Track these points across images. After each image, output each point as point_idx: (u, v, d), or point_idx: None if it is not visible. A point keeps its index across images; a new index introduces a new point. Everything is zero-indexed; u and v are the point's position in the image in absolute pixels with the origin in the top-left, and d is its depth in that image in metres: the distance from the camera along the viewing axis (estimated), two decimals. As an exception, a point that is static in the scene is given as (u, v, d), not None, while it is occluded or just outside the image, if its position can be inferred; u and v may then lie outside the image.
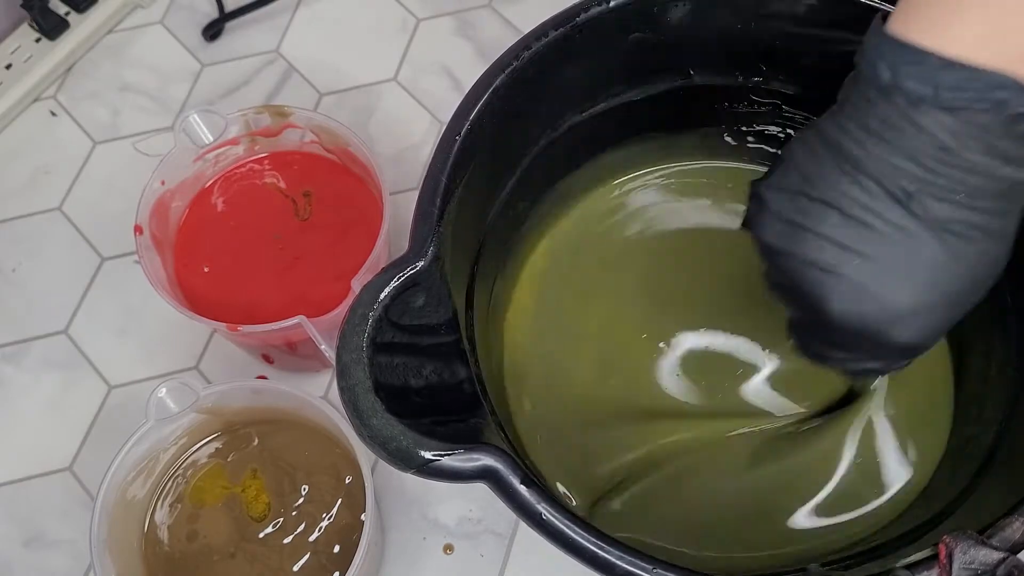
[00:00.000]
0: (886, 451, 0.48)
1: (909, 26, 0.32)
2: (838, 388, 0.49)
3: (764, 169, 0.54)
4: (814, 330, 0.38)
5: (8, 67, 0.66)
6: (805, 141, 0.36)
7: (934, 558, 0.34)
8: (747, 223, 0.38)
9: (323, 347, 0.49)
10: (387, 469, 0.42)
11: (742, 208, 0.54)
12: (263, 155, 0.57)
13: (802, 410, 0.49)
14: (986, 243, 0.34)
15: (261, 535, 0.49)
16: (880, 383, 0.49)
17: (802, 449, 0.48)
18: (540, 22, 0.44)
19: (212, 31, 0.69)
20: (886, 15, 0.33)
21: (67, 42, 0.67)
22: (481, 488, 0.36)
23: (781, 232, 0.36)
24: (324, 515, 0.49)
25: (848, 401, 0.49)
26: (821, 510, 0.47)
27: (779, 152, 0.38)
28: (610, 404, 0.50)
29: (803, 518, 0.47)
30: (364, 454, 0.46)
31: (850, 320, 0.35)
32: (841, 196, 0.34)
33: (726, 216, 0.54)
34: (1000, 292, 0.46)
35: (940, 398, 0.49)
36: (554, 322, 0.52)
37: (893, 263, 0.34)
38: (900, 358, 0.38)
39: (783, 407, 0.49)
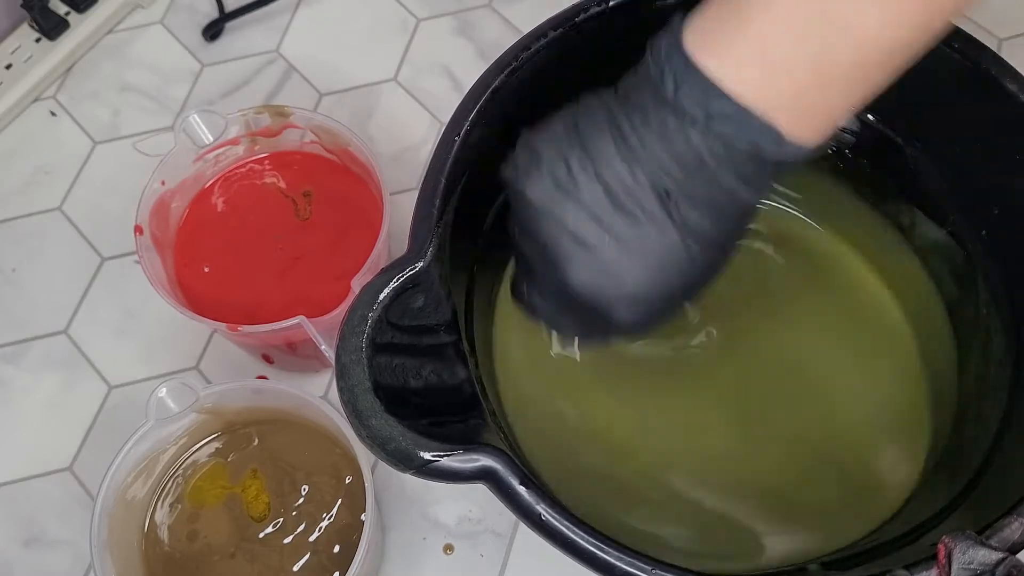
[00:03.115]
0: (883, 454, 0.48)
1: (701, 43, 0.33)
2: None
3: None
4: (545, 287, 0.39)
5: (8, 67, 0.66)
6: (592, 111, 0.37)
7: (933, 558, 0.34)
8: (510, 172, 0.38)
9: (323, 347, 0.49)
10: (387, 469, 0.42)
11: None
12: (263, 155, 0.57)
13: None
14: (715, 252, 0.37)
15: (261, 535, 0.49)
16: None
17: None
18: (540, 22, 0.44)
19: (212, 31, 0.69)
20: (685, 16, 0.34)
21: (67, 42, 0.67)
22: (481, 488, 0.36)
23: (548, 192, 0.36)
24: (324, 515, 0.49)
25: None
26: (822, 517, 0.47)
27: None
28: (608, 406, 0.50)
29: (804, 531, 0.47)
30: (364, 454, 0.46)
31: (585, 291, 0.37)
32: (612, 174, 0.35)
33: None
34: (998, 292, 0.46)
35: (944, 397, 0.50)
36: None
37: (640, 249, 0.35)
38: (605, 334, 0.41)
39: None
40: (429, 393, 0.39)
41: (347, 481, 0.50)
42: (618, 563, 0.34)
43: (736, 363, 0.51)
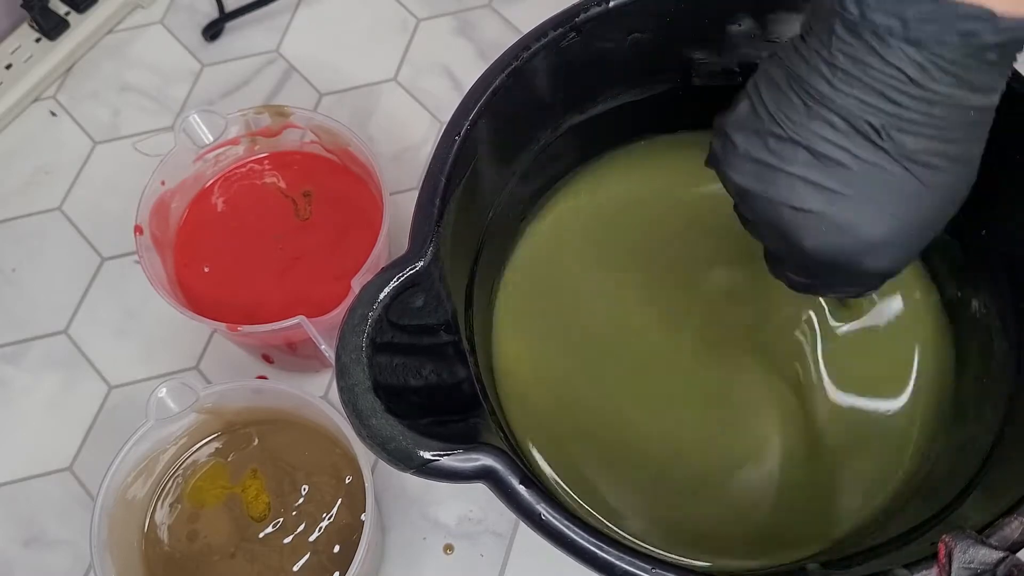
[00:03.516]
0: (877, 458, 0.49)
1: None
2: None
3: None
4: (790, 262, 0.39)
5: (8, 67, 0.66)
6: (770, 77, 0.36)
7: (933, 557, 0.34)
8: (712, 161, 0.38)
9: (323, 347, 0.49)
10: (387, 469, 0.42)
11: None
12: (263, 155, 0.57)
13: None
14: (954, 169, 0.34)
15: (261, 535, 0.49)
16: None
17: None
18: (540, 22, 0.44)
19: (212, 31, 0.69)
20: None
21: (67, 42, 0.67)
22: (481, 488, 0.36)
23: (751, 173, 0.36)
24: (324, 515, 0.49)
25: None
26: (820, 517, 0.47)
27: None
28: (607, 406, 0.50)
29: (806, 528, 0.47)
30: (364, 454, 0.46)
31: (825, 253, 0.36)
32: (810, 134, 0.34)
33: (727, 217, 0.54)
34: (1001, 289, 0.46)
35: (941, 395, 0.50)
36: (554, 321, 0.52)
37: (865, 197, 0.34)
38: (874, 283, 0.40)
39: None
40: (429, 393, 0.39)
41: (347, 481, 0.50)
42: (618, 563, 0.34)
43: (736, 356, 0.51)
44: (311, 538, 0.49)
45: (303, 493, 0.50)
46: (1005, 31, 0.31)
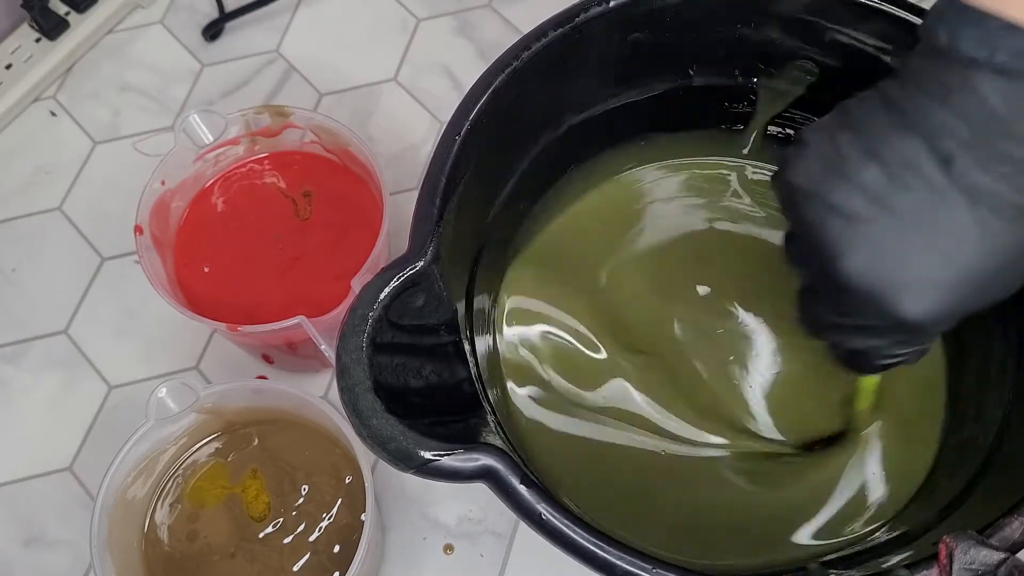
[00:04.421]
0: (877, 463, 0.48)
1: None
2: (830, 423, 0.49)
3: (765, 167, 0.55)
4: (821, 291, 0.37)
5: (8, 67, 0.66)
6: (863, 98, 0.35)
7: (934, 558, 0.34)
8: (779, 172, 0.37)
9: (323, 347, 0.49)
10: (387, 469, 0.42)
11: (743, 207, 0.54)
12: (263, 155, 0.57)
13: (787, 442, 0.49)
14: (1021, 226, 0.32)
15: (261, 535, 0.49)
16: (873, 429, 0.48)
17: (798, 479, 0.48)
18: (540, 22, 0.44)
19: (212, 31, 0.69)
20: None
21: (67, 42, 0.67)
22: (481, 488, 0.36)
23: (815, 172, 0.34)
24: (324, 515, 0.49)
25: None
26: (820, 532, 0.47)
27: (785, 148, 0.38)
28: (608, 408, 0.50)
29: (801, 537, 0.47)
30: (364, 454, 0.46)
31: (862, 279, 0.34)
32: (884, 146, 0.33)
33: (727, 216, 0.54)
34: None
35: (933, 404, 0.49)
36: (554, 322, 0.52)
37: (919, 224, 0.32)
38: (902, 339, 0.37)
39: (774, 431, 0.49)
40: (429, 393, 0.39)
41: (347, 481, 0.50)
42: (618, 562, 0.34)
43: (739, 352, 0.51)
44: (311, 538, 0.49)
45: (303, 493, 0.50)
46: None
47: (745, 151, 0.54)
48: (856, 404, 0.47)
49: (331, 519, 0.49)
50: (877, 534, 0.46)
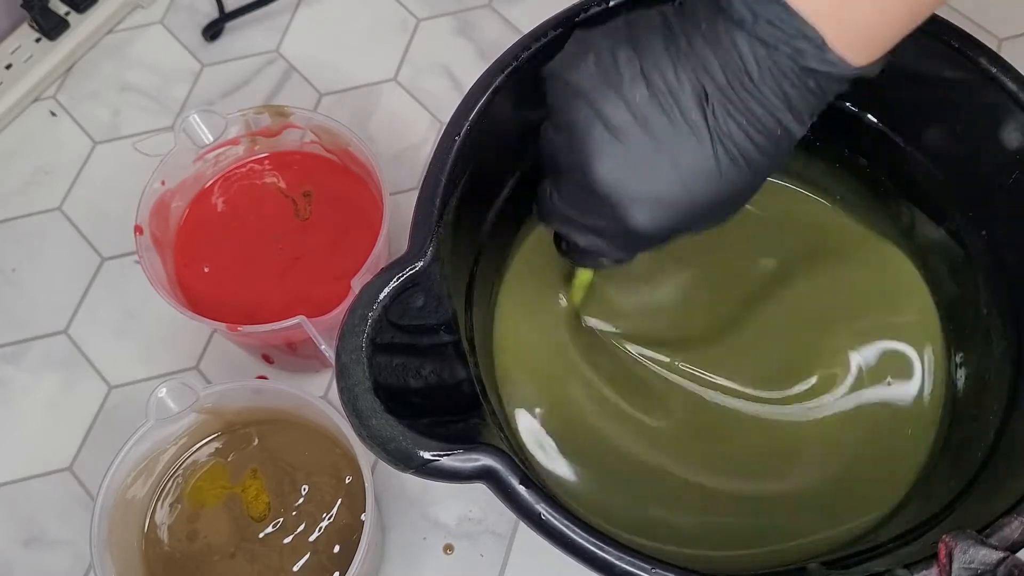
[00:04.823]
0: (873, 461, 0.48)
1: None
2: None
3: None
4: (566, 186, 0.40)
5: (8, 67, 0.66)
6: (647, 15, 0.37)
7: (934, 557, 0.34)
8: (557, 64, 0.38)
9: (323, 347, 0.49)
10: (387, 469, 0.42)
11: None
12: (263, 155, 0.57)
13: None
14: (745, 174, 0.36)
15: (261, 535, 0.49)
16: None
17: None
18: (540, 22, 0.44)
19: (212, 31, 0.69)
20: None
21: (67, 42, 0.67)
22: (481, 488, 0.36)
23: (590, 78, 0.36)
24: (324, 515, 0.49)
25: None
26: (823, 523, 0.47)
27: None
28: (607, 407, 0.50)
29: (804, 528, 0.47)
30: (364, 454, 0.46)
31: (607, 186, 0.37)
32: (655, 72, 0.35)
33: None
34: (998, 292, 0.46)
35: (932, 403, 0.49)
36: (553, 321, 0.52)
37: (669, 150, 0.35)
38: (621, 244, 0.40)
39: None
40: (429, 393, 0.39)
41: (347, 481, 0.50)
42: (618, 562, 0.34)
43: (731, 362, 0.51)
44: (311, 538, 0.49)
45: (303, 493, 0.50)
46: (828, 63, 0.33)
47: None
48: (571, 295, 0.51)
49: (331, 519, 0.49)
50: (877, 534, 0.46)
